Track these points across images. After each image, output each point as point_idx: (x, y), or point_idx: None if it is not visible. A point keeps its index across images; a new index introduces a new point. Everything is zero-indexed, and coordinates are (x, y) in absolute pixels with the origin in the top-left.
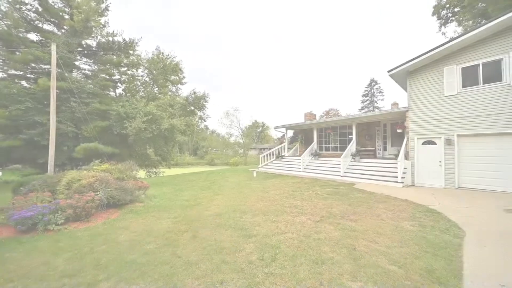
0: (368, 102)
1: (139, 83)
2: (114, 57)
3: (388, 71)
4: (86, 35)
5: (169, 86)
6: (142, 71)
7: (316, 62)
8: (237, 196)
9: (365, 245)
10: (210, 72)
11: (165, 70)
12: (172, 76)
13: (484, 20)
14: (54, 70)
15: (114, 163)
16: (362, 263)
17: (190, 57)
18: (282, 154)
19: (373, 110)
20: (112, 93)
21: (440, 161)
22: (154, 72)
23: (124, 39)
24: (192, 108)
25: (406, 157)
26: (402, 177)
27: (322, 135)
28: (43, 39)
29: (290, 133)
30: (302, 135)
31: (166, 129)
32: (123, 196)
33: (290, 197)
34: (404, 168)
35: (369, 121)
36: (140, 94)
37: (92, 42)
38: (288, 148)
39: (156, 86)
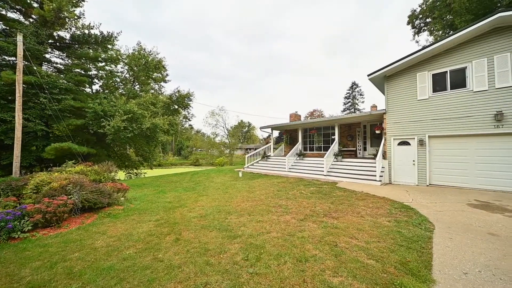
0: (349, 104)
1: (118, 80)
2: (91, 51)
3: (368, 75)
4: (58, 26)
5: (152, 84)
6: (122, 67)
7: (303, 64)
8: (222, 197)
9: (346, 242)
10: (196, 71)
11: (147, 66)
12: (155, 74)
13: (451, 31)
14: (20, 63)
15: (90, 164)
16: (343, 258)
17: (176, 55)
18: (268, 154)
19: (354, 112)
20: (88, 90)
21: (413, 160)
22: (135, 68)
23: (101, 32)
24: (176, 107)
25: (384, 156)
26: (380, 176)
27: (307, 135)
28: (7, 28)
29: (276, 133)
30: (287, 136)
31: (148, 128)
32: (100, 199)
33: (275, 196)
34: (382, 167)
35: (351, 122)
36: (120, 91)
37: (65, 34)
38: (273, 148)
39: (137, 83)
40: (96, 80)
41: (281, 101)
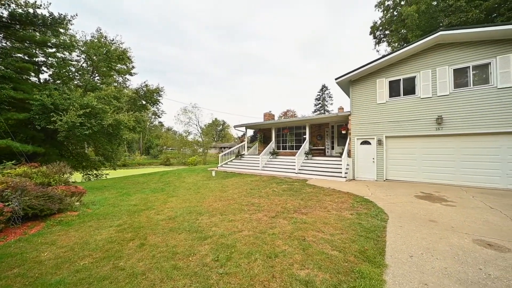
0: (320, 105)
1: (73, 69)
2: (37, 34)
3: (336, 79)
4: None
5: (115, 76)
6: (78, 56)
7: (277, 64)
8: (194, 197)
9: (313, 235)
10: (166, 65)
11: (109, 56)
12: (118, 65)
13: (405, 44)
14: None
15: (36, 165)
16: (310, 251)
17: (143, 47)
18: (242, 153)
19: (324, 113)
20: (34, 79)
21: (373, 158)
22: (94, 58)
23: (51, 14)
24: (144, 102)
25: (349, 155)
26: (345, 173)
27: (280, 134)
28: None
29: (250, 132)
30: (261, 135)
31: (110, 125)
32: (47, 205)
33: (248, 195)
34: (347, 165)
35: (320, 123)
36: (76, 82)
37: (1, 12)
38: (247, 147)
39: (97, 75)
40: (44, 69)
41: (256, 100)
